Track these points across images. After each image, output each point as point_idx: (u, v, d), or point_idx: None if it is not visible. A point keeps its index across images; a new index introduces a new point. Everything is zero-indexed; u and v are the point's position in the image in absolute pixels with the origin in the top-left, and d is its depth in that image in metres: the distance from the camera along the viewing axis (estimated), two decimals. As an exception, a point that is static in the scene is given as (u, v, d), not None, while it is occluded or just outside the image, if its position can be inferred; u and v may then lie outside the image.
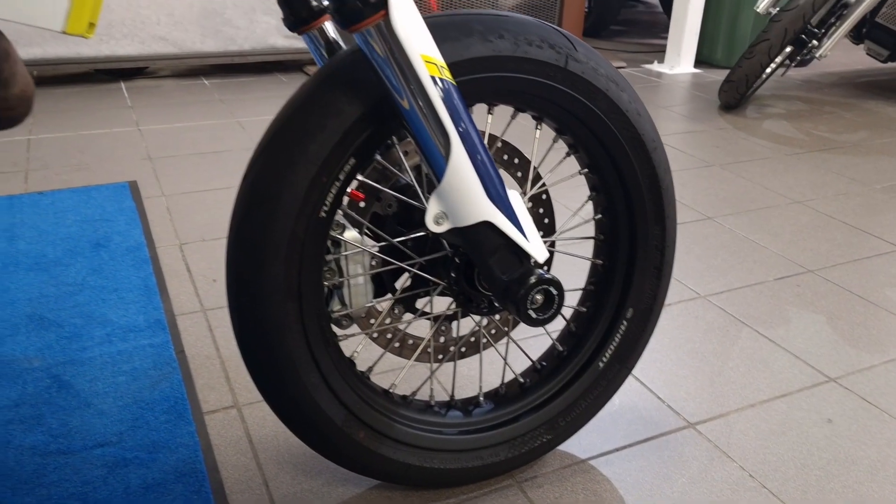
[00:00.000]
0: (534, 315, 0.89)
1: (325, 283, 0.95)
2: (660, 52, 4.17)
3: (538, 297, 0.89)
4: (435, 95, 0.78)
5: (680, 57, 3.82)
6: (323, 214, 0.87)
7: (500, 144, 1.00)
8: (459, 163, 0.81)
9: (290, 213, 0.84)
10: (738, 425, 1.24)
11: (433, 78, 0.78)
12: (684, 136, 2.82)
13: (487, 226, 0.85)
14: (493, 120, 0.94)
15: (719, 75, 3.80)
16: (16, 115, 0.78)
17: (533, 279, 0.88)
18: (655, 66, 3.92)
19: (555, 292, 0.89)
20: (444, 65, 0.80)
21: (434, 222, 0.85)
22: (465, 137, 0.81)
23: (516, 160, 1.03)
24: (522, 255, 0.89)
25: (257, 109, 2.91)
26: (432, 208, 0.84)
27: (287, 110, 0.87)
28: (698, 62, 3.98)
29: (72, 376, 1.29)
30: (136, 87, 3.16)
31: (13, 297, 1.52)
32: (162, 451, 1.12)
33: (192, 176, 2.23)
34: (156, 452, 1.12)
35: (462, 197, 0.83)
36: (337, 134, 0.84)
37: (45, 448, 1.12)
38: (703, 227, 2.02)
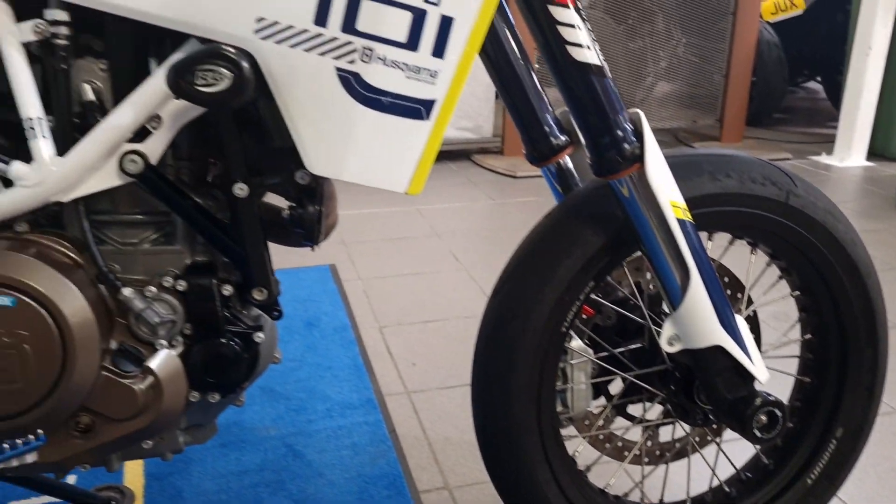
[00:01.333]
0: (758, 434, 0.95)
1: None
2: (826, 143, 4.08)
3: (763, 417, 0.95)
4: (679, 236, 0.89)
5: (851, 149, 3.74)
6: (563, 329, 0.99)
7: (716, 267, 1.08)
8: (697, 294, 0.91)
9: (538, 328, 0.97)
10: (950, 554, 1.21)
11: (678, 220, 0.89)
12: (861, 235, 2.74)
13: (718, 349, 0.94)
14: (710, 245, 1.04)
15: (895, 169, 3.67)
16: (323, 239, 0.96)
17: (758, 401, 0.95)
18: (823, 158, 3.84)
19: (779, 414, 0.95)
20: (686, 207, 0.91)
21: (667, 343, 0.95)
22: (702, 271, 0.91)
23: (726, 279, 1.11)
24: (747, 376, 0.96)
25: (434, 197, 3.14)
26: (667, 331, 0.94)
27: (535, 237, 1.00)
28: (871, 154, 3.86)
29: (303, 447, 1.47)
30: (324, 174, 3.50)
31: (248, 370, 1.74)
32: (388, 525, 1.25)
33: (382, 261, 2.44)
34: (383, 525, 1.25)
35: (697, 323, 0.92)
36: (581, 261, 0.97)
37: (289, 511, 1.29)
38: (894, 337, 1.96)
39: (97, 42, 0.77)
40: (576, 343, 1.07)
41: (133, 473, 1.38)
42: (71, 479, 1.32)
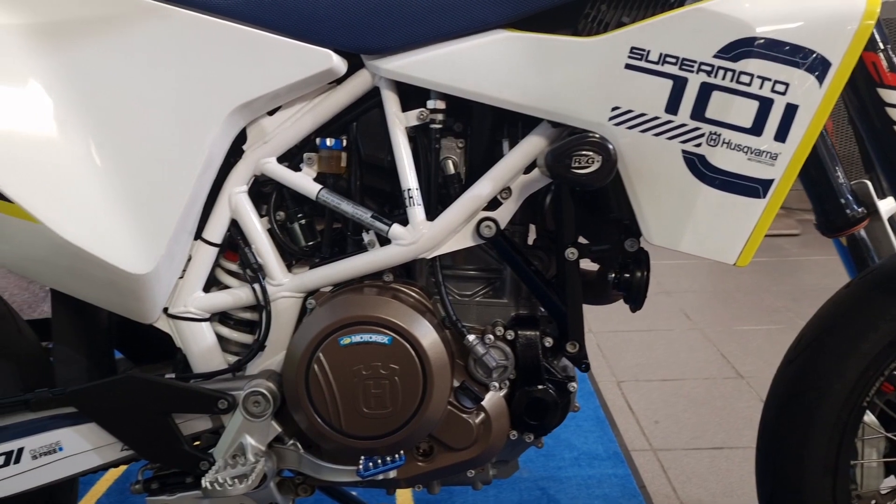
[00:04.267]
0: None
1: (845, 462, 1.04)
2: None
3: None
4: None
5: None
6: (864, 404, 0.98)
7: None
8: None
9: (839, 401, 0.97)
10: None
11: None
12: None
13: None
14: None
15: None
16: None
17: None
18: None
19: None
20: None
21: None
22: None
23: None
24: None
25: (661, 252, 3.12)
26: None
27: (836, 308, 1.01)
28: None
29: (555, 491, 1.53)
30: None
31: (498, 412, 1.85)
32: (649, 580, 1.28)
33: (613, 315, 2.46)
34: (644, 579, 1.28)
35: None
36: (888, 336, 0.96)
37: (550, 553, 1.35)
38: None
39: (458, 124, 0.91)
40: (868, 418, 1.05)
41: (403, 498, 1.53)
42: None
